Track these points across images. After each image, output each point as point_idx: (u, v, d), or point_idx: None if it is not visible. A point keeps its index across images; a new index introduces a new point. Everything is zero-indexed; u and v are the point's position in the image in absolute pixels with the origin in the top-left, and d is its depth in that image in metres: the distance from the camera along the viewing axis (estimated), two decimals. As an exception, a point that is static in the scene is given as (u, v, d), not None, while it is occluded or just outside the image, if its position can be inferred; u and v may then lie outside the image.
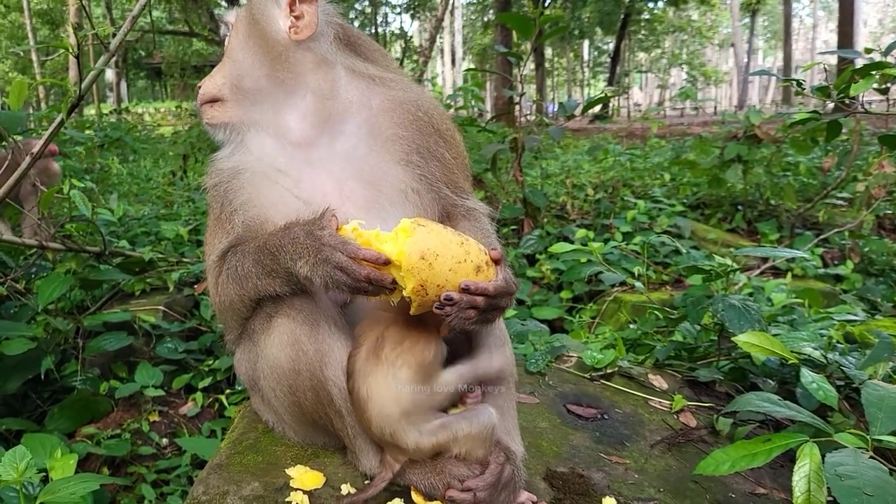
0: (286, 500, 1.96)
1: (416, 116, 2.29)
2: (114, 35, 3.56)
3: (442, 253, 1.79)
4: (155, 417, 3.91)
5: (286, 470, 2.11)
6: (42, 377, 3.77)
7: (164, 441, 3.79)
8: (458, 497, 1.97)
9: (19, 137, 5.05)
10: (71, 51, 3.53)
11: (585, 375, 3.21)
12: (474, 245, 1.87)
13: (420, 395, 1.96)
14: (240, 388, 3.99)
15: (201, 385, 4.13)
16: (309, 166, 2.19)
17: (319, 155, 2.20)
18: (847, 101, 4.41)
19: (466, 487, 1.97)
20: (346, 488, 2.05)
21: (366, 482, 2.09)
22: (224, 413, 3.96)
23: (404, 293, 1.81)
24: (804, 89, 4.35)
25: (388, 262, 1.79)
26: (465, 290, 1.82)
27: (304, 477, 2.08)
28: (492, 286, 1.86)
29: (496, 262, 1.92)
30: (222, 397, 4.01)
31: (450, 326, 1.88)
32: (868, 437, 2.09)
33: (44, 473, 2.52)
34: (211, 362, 4.28)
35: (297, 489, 2.00)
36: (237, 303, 2.12)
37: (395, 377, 1.94)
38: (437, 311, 1.83)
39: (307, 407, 2.11)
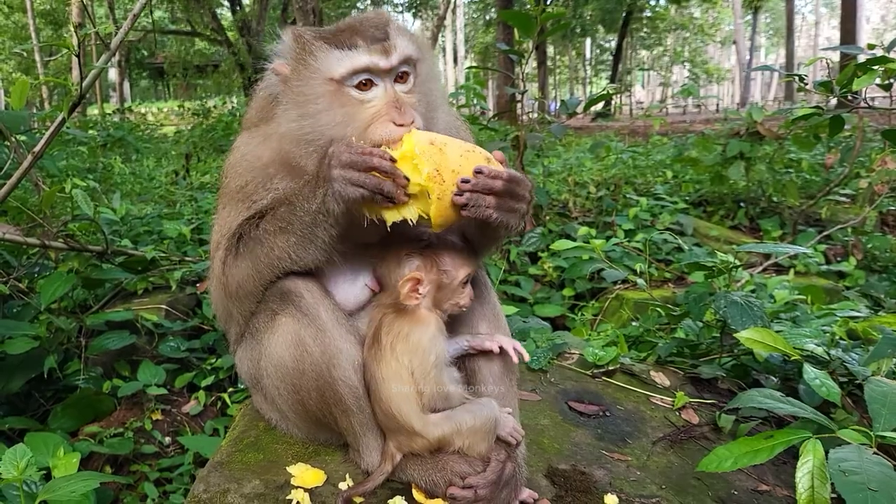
0: (287, 497, 1.96)
1: None
2: (115, 34, 3.56)
3: (449, 142, 1.86)
4: (157, 416, 3.91)
5: (287, 468, 2.11)
6: (45, 376, 3.77)
7: (167, 439, 3.79)
8: (459, 494, 1.96)
9: (22, 137, 5.06)
10: (73, 50, 3.53)
11: (587, 372, 3.20)
12: (479, 148, 1.93)
13: (426, 374, 2.00)
14: (242, 387, 3.99)
15: (204, 383, 4.13)
16: None
17: None
18: (850, 97, 4.40)
19: (468, 485, 1.97)
20: (344, 486, 2.05)
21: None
22: (226, 411, 3.96)
23: (421, 181, 1.80)
24: (806, 84, 4.34)
25: (394, 160, 1.82)
26: (479, 171, 1.85)
27: (305, 475, 2.08)
28: (505, 171, 1.90)
29: (501, 162, 1.96)
30: (225, 396, 4.01)
31: (473, 216, 1.86)
32: (871, 433, 2.09)
33: (47, 471, 2.53)
34: (213, 361, 4.28)
35: (298, 487, 2.00)
36: (243, 286, 2.11)
37: (396, 360, 1.99)
38: (456, 200, 1.83)
39: (311, 406, 2.11)
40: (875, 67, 3.88)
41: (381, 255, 2.13)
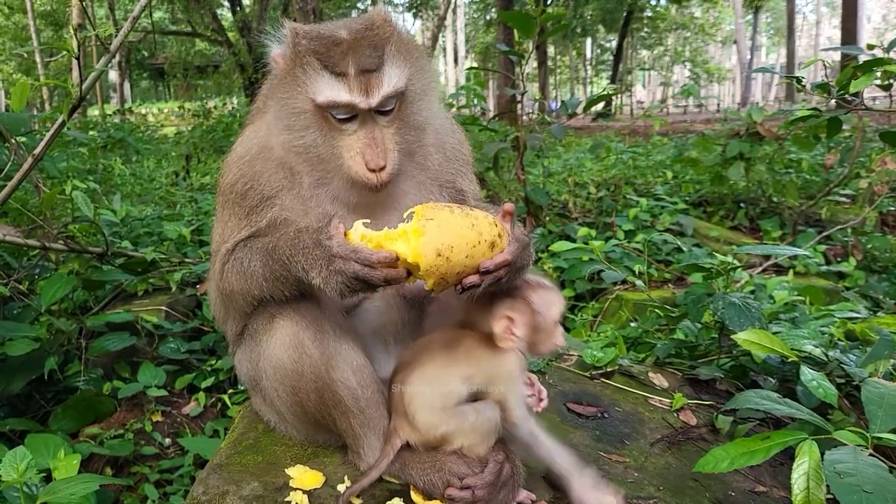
0: (286, 499, 1.96)
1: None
2: (115, 36, 3.58)
3: (456, 244, 1.80)
4: (158, 417, 3.92)
5: (286, 470, 2.12)
6: (45, 378, 3.78)
7: (167, 441, 3.80)
8: (457, 495, 1.97)
9: (23, 139, 5.07)
10: (72, 52, 3.54)
11: (585, 374, 3.21)
12: (483, 220, 1.87)
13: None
14: (242, 388, 4.00)
15: (204, 385, 4.14)
16: None
17: None
18: (849, 98, 4.40)
19: (465, 486, 1.98)
20: (342, 487, 2.06)
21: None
22: (227, 413, 3.97)
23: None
24: (804, 86, 4.34)
25: (398, 259, 1.81)
26: (486, 272, 1.85)
27: (304, 477, 2.08)
28: (509, 254, 1.89)
29: (509, 214, 1.96)
30: (225, 397, 4.02)
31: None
32: (868, 434, 2.09)
33: (47, 473, 2.54)
34: (213, 362, 4.29)
35: (296, 489, 2.01)
36: (238, 296, 2.14)
37: (446, 364, 2.05)
38: (461, 293, 1.87)
39: (310, 407, 2.13)
40: (873, 69, 3.88)
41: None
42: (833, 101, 4.49)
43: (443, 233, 1.80)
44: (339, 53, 1.99)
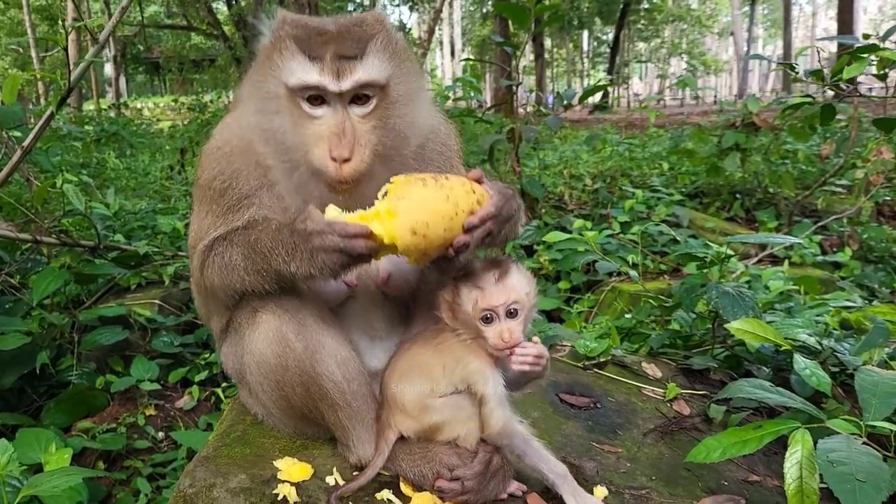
0: (273, 491, 1.95)
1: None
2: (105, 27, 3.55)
3: (432, 219, 1.77)
4: (151, 411, 3.91)
5: (274, 462, 2.10)
6: (38, 372, 3.77)
7: (160, 435, 3.79)
8: (447, 486, 1.96)
9: (17, 133, 5.05)
10: (61, 44, 3.52)
11: (578, 364, 3.19)
12: (459, 188, 1.84)
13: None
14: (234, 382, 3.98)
15: (197, 378, 4.13)
16: None
17: None
18: (844, 86, 4.39)
19: (455, 477, 1.97)
20: (331, 479, 2.04)
21: (354, 473, 2.08)
22: (220, 406, 3.96)
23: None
24: (798, 73, 4.32)
25: (371, 233, 1.79)
26: (471, 228, 1.83)
27: (292, 469, 2.06)
28: (492, 206, 1.88)
29: (478, 181, 1.92)
30: (218, 391, 4.01)
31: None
32: (861, 423, 2.08)
33: (40, 468, 2.53)
34: (207, 356, 4.28)
35: (284, 481, 1.99)
36: (219, 290, 2.11)
37: (431, 356, 2.03)
38: (455, 256, 1.85)
39: (296, 401, 2.11)
40: (865, 56, 3.86)
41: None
42: (828, 89, 4.47)
43: (416, 210, 1.77)
44: (319, 41, 1.94)
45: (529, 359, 1.98)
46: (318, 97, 1.95)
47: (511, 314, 1.97)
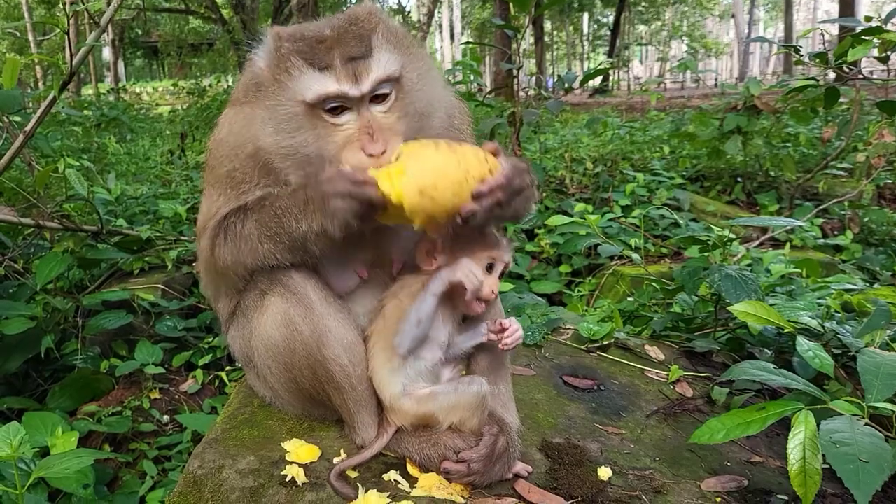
0: (282, 473, 1.97)
1: None
2: (105, 10, 3.53)
3: (440, 182, 1.77)
4: (156, 395, 3.92)
5: (282, 444, 2.12)
6: (42, 356, 3.77)
7: (166, 418, 3.80)
8: (453, 468, 1.98)
9: (17, 118, 5.04)
10: (62, 27, 3.50)
11: (582, 347, 3.21)
12: (472, 156, 1.83)
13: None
14: (239, 365, 4.00)
15: (201, 362, 4.14)
16: None
17: None
18: (846, 69, 4.37)
19: (461, 459, 1.99)
20: (339, 461, 2.06)
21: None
22: (224, 390, 3.97)
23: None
24: (801, 55, 4.31)
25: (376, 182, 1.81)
26: (479, 195, 1.82)
27: (300, 450, 2.09)
28: (503, 177, 1.86)
29: (495, 154, 1.91)
30: (222, 374, 4.02)
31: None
32: (864, 404, 2.09)
33: (47, 451, 2.54)
34: (210, 339, 4.29)
35: (292, 462, 2.01)
36: (230, 269, 2.11)
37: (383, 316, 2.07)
38: (463, 224, 1.85)
39: (304, 384, 2.13)
40: (870, 38, 3.84)
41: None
42: (831, 72, 4.45)
43: (425, 172, 1.77)
44: (323, 49, 1.91)
45: (518, 339, 2.11)
46: (338, 106, 1.92)
47: (500, 273, 2.05)
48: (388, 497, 1.89)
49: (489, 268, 2.02)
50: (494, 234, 2.04)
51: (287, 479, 1.95)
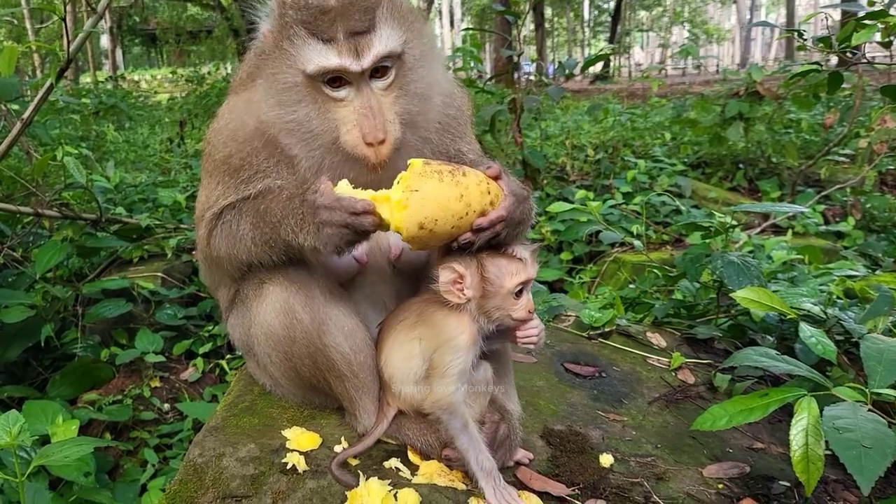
0: (282, 460, 1.96)
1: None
2: (101, -3, 3.50)
3: (441, 217, 1.75)
4: (156, 383, 3.92)
5: (282, 431, 2.11)
6: (42, 345, 3.77)
7: (166, 406, 3.81)
8: (454, 455, 1.97)
9: (15, 106, 5.01)
10: (59, 14, 3.47)
11: (583, 334, 3.20)
12: (474, 188, 1.79)
13: (436, 374, 1.95)
14: (240, 354, 3.99)
15: (201, 350, 4.14)
16: None
17: None
18: (849, 54, 4.34)
19: (462, 446, 1.97)
20: (339, 448, 2.05)
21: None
22: (225, 378, 3.98)
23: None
24: (805, 39, 4.27)
25: (378, 222, 1.79)
26: (479, 229, 1.81)
27: (301, 438, 2.08)
28: (504, 210, 1.84)
29: (496, 178, 1.88)
30: (223, 362, 4.03)
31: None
32: (867, 390, 2.08)
33: (47, 439, 2.54)
34: (210, 328, 4.29)
35: (293, 450, 2.00)
36: (225, 261, 2.10)
37: (409, 337, 2.00)
38: (457, 248, 1.85)
39: (304, 372, 2.12)
40: (873, 23, 3.81)
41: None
42: (834, 57, 4.42)
43: (427, 206, 1.74)
44: (326, 20, 1.88)
45: (542, 334, 2.04)
46: (337, 79, 1.91)
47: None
48: (389, 484, 1.88)
49: (519, 293, 1.92)
50: (521, 252, 1.92)
51: (288, 467, 1.94)
